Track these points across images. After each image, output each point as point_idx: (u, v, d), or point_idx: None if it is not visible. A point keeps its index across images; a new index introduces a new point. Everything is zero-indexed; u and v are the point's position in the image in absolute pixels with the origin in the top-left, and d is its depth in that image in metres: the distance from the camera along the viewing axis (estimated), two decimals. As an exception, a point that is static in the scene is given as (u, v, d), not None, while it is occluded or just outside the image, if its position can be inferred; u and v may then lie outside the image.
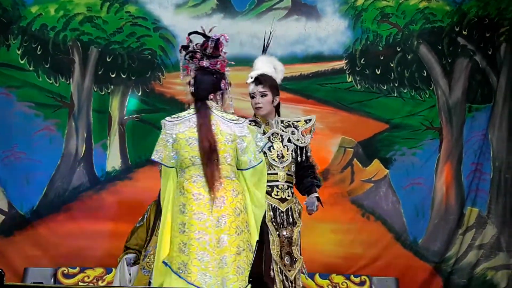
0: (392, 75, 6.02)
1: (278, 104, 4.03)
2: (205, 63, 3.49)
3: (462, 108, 5.95)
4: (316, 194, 3.95)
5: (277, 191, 3.88)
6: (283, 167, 3.91)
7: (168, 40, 5.86)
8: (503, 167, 5.90)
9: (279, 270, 3.78)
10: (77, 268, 5.42)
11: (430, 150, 5.92)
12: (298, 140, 3.99)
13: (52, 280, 5.30)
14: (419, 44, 6.03)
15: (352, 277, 5.52)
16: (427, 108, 5.97)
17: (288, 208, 3.88)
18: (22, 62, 5.79)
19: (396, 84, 6.00)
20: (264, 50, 4.11)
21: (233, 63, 3.63)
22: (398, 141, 5.92)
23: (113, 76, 5.88)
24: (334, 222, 5.72)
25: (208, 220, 3.35)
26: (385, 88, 6.00)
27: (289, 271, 3.82)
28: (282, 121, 4.04)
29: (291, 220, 3.85)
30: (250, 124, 3.63)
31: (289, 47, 5.97)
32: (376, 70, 6.02)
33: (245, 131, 3.48)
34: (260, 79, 3.96)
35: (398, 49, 6.05)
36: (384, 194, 5.85)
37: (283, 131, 4.00)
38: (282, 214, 3.86)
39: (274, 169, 3.89)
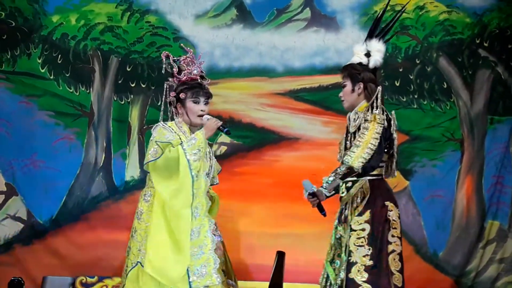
0: (412, 87, 5.99)
1: (371, 89, 3.63)
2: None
3: (484, 120, 5.90)
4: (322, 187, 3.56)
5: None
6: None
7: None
8: (525, 181, 5.85)
9: (325, 275, 3.60)
10: (96, 277, 5.41)
11: (451, 162, 5.87)
12: (354, 126, 3.62)
13: (71, 289, 5.30)
14: (439, 56, 5.99)
15: (371, 289, 5.45)
16: (448, 119, 5.92)
17: (344, 206, 3.61)
18: (43, 71, 5.82)
19: (416, 96, 5.97)
20: (370, 36, 3.73)
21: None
22: (418, 152, 5.87)
23: (133, 85, 5.89)
24: (354, 233, 5.66)
25: None
26: (404, 99, 5.97)
27: (336, 275, 3.52)
28: (370, 107, 3.59)
29: (343, 217, 3.59)
30: None
31: (308, 58, 5.96)
32: (395, 82, 5.98)
33: (153, 134, 3.62)
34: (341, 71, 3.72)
35: (418, 61, 6.01)
36: (404, 206, 5.77)
37: (354, 120, 3.64)
38: (340, 213, 3.64)
39: None
